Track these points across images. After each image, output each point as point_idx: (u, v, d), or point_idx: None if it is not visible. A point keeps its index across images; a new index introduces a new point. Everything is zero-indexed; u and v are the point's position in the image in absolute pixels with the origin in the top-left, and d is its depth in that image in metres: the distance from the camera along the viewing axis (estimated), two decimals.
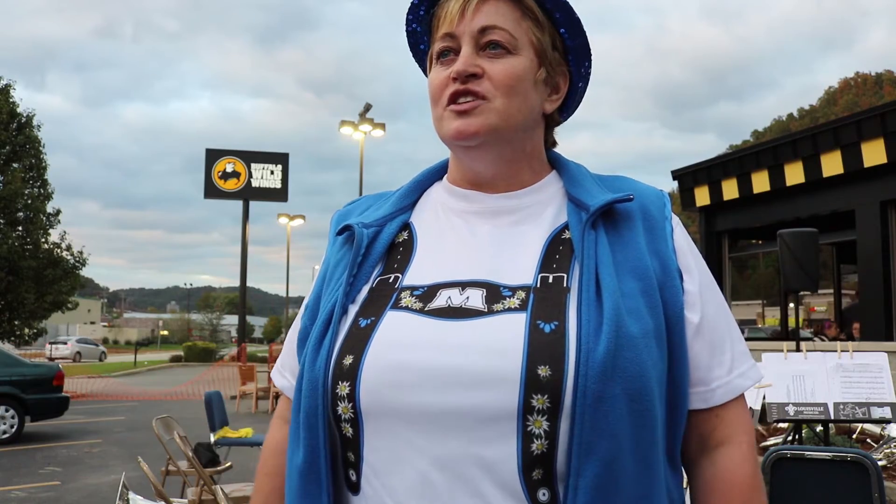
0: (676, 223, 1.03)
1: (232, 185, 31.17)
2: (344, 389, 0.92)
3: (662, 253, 0.98)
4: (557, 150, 1.14)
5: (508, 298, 0.93)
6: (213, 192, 31.21)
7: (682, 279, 0.98)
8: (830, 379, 4.94)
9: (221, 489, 4.88)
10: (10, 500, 7.22)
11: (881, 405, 4.80)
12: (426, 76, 1.11)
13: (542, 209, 1.04)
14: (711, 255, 13.77)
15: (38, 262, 22.01)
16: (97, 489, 7.67)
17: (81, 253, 23.77)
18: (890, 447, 6.97)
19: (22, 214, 22.28)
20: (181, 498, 5.44)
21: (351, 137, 23.34)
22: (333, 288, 1.03)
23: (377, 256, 1.04)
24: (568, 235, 0.99)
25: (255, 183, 31.33)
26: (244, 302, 30.59)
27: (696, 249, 1.04)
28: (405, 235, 1.07)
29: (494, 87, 0.98)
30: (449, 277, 0.98)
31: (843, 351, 5.01)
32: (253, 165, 31.41)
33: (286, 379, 1.14)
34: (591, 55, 1.09)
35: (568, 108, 1.13)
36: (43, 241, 22.79)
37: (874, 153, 10.55)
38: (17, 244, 21.77)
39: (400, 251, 1.05)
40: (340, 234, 1.08)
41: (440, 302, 0.95)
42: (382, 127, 23.29)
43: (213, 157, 31.32)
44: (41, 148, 23.16)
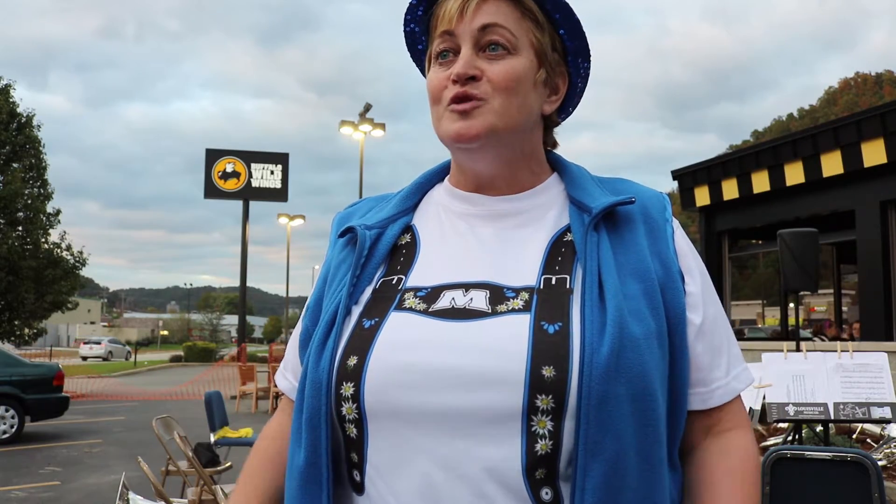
0: (677, 226, 1.04)
1: (232, 185, 31.18)
2: (348, 390, 0.92)
3: (664, 255, 0.98)
4: (559, 152, 1.14)
5: (512, 300, 0.93)
6: (212, 192, 31.22)
7: (683, 281, 0.99)
8: (830, 379, 4.94)
9: (221, 489, 4.88)
10: (10, 500, 7.22)
11: (881, 405, 4.80)
12: (424, 75, 1.10)
13: (544, 212, 1.04)
14: (711, 255, 13.77)
15: (38, 262, 22.02)
16: (97, 489, 7.67)
17: (81, 253, 23.79)
18: (890, 447, 6.97)
19: (22, 214, 22.29)
20: (181, 498, 5.43)
21: (351, 137, 23.35)
22: (336, 289, 1.03)
23: (380, 258, 1.04)
24: (570, 238, 1.00)
25: (255, 183, 31.34)
26: (244, 302, 30.59)
27: (696, 252, 1.05)
28: (407, 238, 1.07)
29: (493, 88, 0.98)
30: (452, 279, 0.98)
31: (843, 351, 5.01)
32: (253, 165, 31.42)
33: (288, 380, 1.15)
34: (590, 56, 1.08)
35: (566, 108, 1.13)
36: (43, 241, 22.80)
37: (874, 153, 10.55)
38: (17, 244, 21.78)
39: (403, 253, 1.05)
40: (342, 235, 1.08)
41: (444, 303, 0.95)
42: (382, 127, 23.30)
43: (213, 157, 31.32)
44: (41, 148, 23.18)
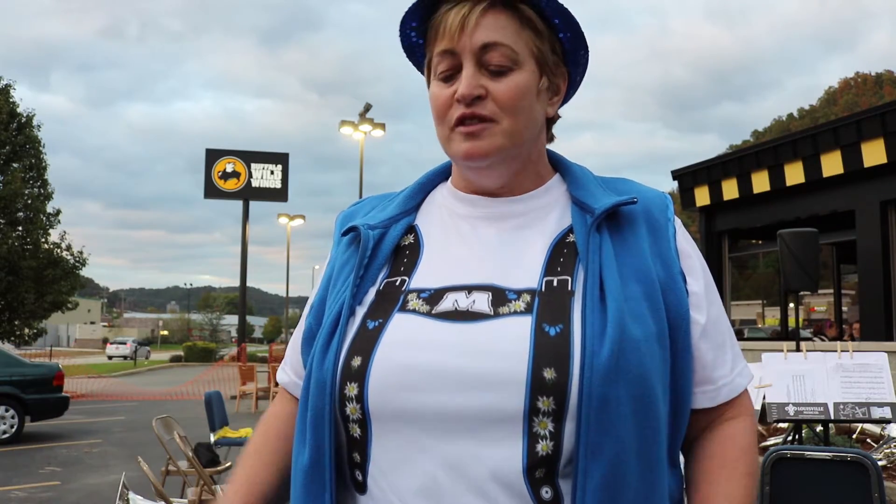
0: (679, 225, 1.05)
1: (232, 185, 31.17)
2: (352, 390, 0.93)
3: (665, 256, 0.99)
4: (561, 152, 1.14)
5: (514, 302, 0.94)
6: (212, 192, 31.21)
7: (685, 281, 0.99)
8: (830, 379, 4.94)
9: (221, 489, 4.88)
10: (10, 500, 7.22)
11: (881, 405, 4.80)
12: (421, 73, 1.10)
13: (546, 213, 1.05)
14: (711, 255, 13.77)
15: (38, 262, 22.02)
16: (97, 489, 7.67)
17: (81, 253, 23.79)
18: (890, 447, 6.97)
19: (22, 214, 22.30)
20: (181, 498, 5.43)
21: (351, 137, 23.35)
22: (340, 289, 1.04)
23: (383, 258, 1.04)
24: (572, 239, 1.00)
25: (255, 183, 31.32)
26: (244, 302, 30.59)
27: (698, 251, 1.06)
28: (411, 238, 1.08)
29: (500, 107, 0.98)
30: (455, 281, 0.99)
31: (843, 351, 5.01)
32: (253, 165, 31.40)
33: (287, 375, 1.16)
34: (588, 48, 1.08)
35: (564, 100, 1.12)
36: (43, 241, 22.80)
37: (874, 153, 10.55)
38: (17, 244, 21.78)
39: (406, 254, 1.06)
40: (345, 234, 1.09)
41: (447, 305, 0.96)
42: (382, 127, 23.29)
43: (213, 157, 31.31)
44: (41, 148, 23.19)
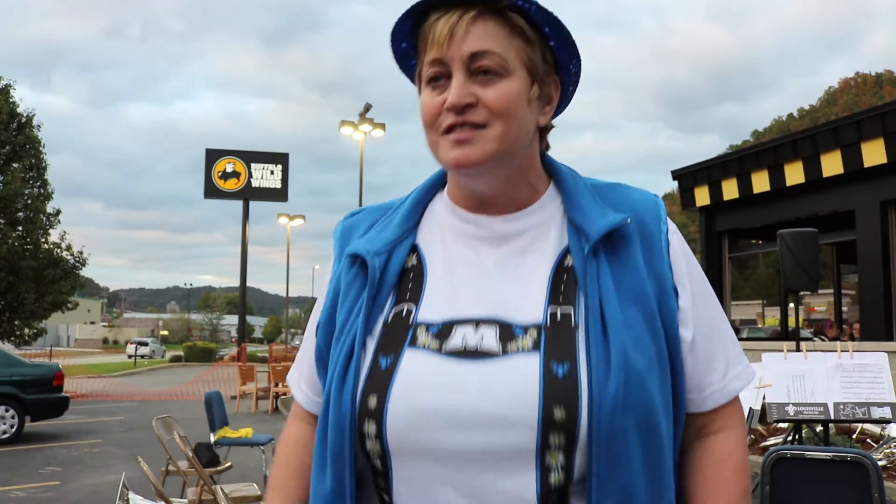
0: (673, 232, 1.06)
1: (232, 185, 31.15)
2: (371, 428, 0.97)
3: (659, 271, 1.01)
4: (562, 153, 1.16)
5: (521, 338, 0.97)
6: (212, 192, 31.19)
7: (677, 295, 1.02)
8: (830, 379, 4.94)
9: (221, 489, 4.88)
10: (10, 500, 7.22)
11: (881, 405, 4.79)
12: (413, 83, 1.10)
13: (544, 232, 1.06)
14: (711, 255, 13.77)
15: (38, 262, 22.01)
16: (97, 489, 7.67)
17: (81, 253, 23.79)
18: (890, 447, 6.98)
19: (22, 214, 22.29)
20: (181, 498, 5.44)
21: (352, 138, 23.34)
22: (349, 316, 1.05)
23: (389, 286, 1.06)
24: (570, 263, 1.02)
25: (254, 183, 31.30)
26: (244, 302, 30.58)
27: (691, 255, 1.07)
28: (414, 260, 1.09)
29: (490, 113, 0.98)
30: (462, 313, 1.01)
31: (843, 351, 5.01)
32: (253, 165, 31.39)
33: (305, 393, 1.18)
34: (580, 58, 1.07)
35: (558, 109, 1.12)
36: (43, 241, 22.80)
37: (874, 153, 10.55)
38: (17, 244, 21.78)
39: (411, 278, 1.07)
40: (350, 259, 1.09)
41: (456, 342, 0.98)
42: (382, 127, 23.28)
43: (213, 157, 31.29)
44: (41, 148, 23.18)
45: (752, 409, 5.92)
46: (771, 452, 2.98)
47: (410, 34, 1.05)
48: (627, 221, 1.01)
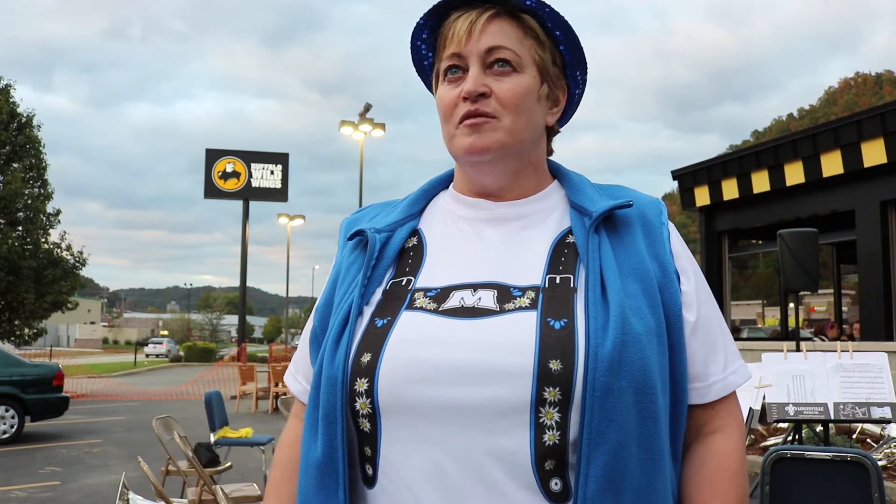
0: (673, 229, 1.09)
1: (232, 185, 31.16)
2: (362, 386, 0.96)
3: (661, 256, 1.04)
4: (563, 153, 1.20)
5: (519, 298, 0.98)
6: (212, 192, 31.20)
7: (679, 281, 1.04)
8: (830, 379, 4.94)
9: (221, 489, 4.88)
10: (10, 500, 7.22)
11: (881, 405, 4.80)
12: (428, 89, 1.17)
13: (546, 215, 1.09)
14: (711, 255, 13.77)
15: (38, 262, 22.01)
16: (97, 489, 7.67)
17: (81, 253, 23.78)
18: (890, 447, 6.98)
19: (22, 214, 22.29)
20: (181, 498, 5.43)
21: (351, 138, 23.35)
22: (347, 290, 1.07)
23: (389, 260, 1.08)
24: (572, 240, 1.05)
25: (255, 183, 31.31)
26: (244, 302, 30.59)
27: (690, 254, 1.12)
28: (414, 241, 1.12)
29: (502, 105, 1.04)
30: (460, 280, 1.03)
31: (843, 351, 5.01)
32: (253, 165, 31.39)
33: (300, 384, 1.18)
34: (587, 67, 1.14)
35: (565, 116, 1.18)
36: (43, 241, 22.79)
37: (874, 153, 10.55)
38: (17, 244, 21.77)
39: (411, 255, 1.10)
40: (352, 237, 1.13)
41: (454, 302, 1.00)
42: (382, 127, 23.29)
43: (213, 157, 31.30)
44: (41, 148, 23.17)
45: (752, 409, 5.91)
46: (771, 452, 2.99)
47: (430, 36, 1.13)
48: (629, 204, 1.05)
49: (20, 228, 22.30)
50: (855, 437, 7.59)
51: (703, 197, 13.73)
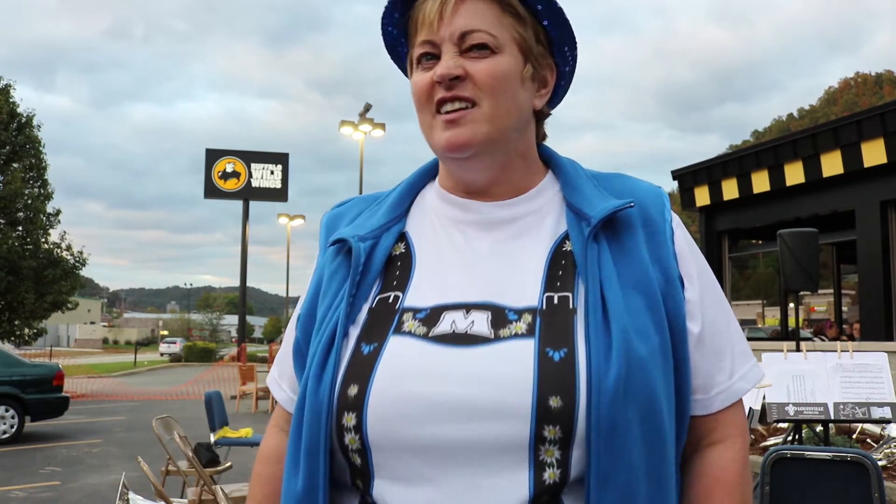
0: (677, 224, 1.01)
1: (232, 185, 31.14)
2: (350, 421, 0.89)
3: (664, 260, 0.96)
4: (555, 148, 1.11)
5: (514, 323, 0.91)
6: (212, 192, 31.18)
7: (683, 286, 0.97)
8: (830, 379, 4.94)
9: (221, 489, 4.88)
10: (10, 500, 7.22)
11: (881, 405, 4.79)
12: (403, 72, 1.08)
13: (540, 219, 1.01)
14: (711, 255, 13.75)
15: (38, 262, 22.00)
16: (97, 489, 7.67)
17: (81, 253, 23.78)
18: (890, 447, 6.98)
19: (22, 214, 22.28)
20: (181, 498, 5.43)
21: (351, 138, 23.35)
22: (331, 304, 0.99)
23: (375, 273, 1.00)
24: (569, 248, 0.97)
25: (255, 183, 31.29)
26: (244, 302, 30.58)
27: (696, 249, 1.03)
28: (402, 248, 1.03)
29: (479, 88, 0.95)
30: (452, 299, 0.95)
31: (843, 351, 5.01)
32: (253, 165, 31.37)
33: (284, 391, 1.11)
34: (576, 43, 1.05)
35: (555, 98, 1.08)
36: (43, 241, 22.79)
37: (874, 153, 10.55)
38: (17, 244, 21.77)
39: (398, 265, 1.01)
40: (334, 244, 1.05)
41: (444, 327, 0.92)
42: (382, 127, 23.29)
43: (213, 157, 31.28)
44: (41, 148, 23.17)
45: (752, 409, 5.92)
46: (771, 452, 2.99)
47: (401, 18, 1.03)
48: (631, 205, 0.96)
49: (20, 228, 22.29)
50: (855, 437, 7.59)
51: (703, 197, 13.72)
